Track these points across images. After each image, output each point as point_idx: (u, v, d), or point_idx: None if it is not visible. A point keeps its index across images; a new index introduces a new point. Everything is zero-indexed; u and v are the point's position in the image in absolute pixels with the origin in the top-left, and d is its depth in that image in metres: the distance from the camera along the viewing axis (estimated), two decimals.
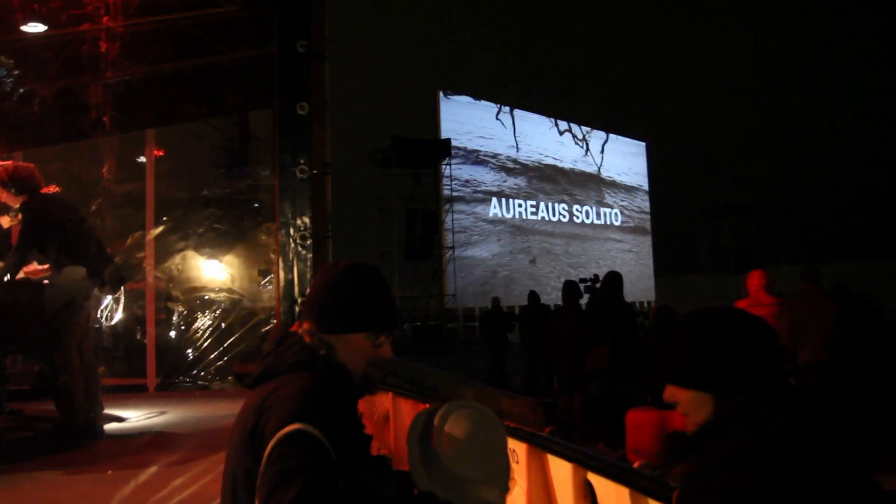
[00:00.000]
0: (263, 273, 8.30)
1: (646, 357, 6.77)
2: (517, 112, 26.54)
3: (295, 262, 2.47)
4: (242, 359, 7.54)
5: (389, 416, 4.33)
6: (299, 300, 2.44)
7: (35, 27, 6.00)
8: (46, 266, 4.97)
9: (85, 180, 7.55)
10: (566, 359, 7.70)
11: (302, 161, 2.51)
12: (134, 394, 7.25)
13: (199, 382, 7.73)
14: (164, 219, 8.00)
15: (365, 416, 4.53)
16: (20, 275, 4.94)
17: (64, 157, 7.70)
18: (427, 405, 3.83)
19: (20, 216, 5.16)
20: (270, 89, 7.94)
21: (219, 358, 7.78)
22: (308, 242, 2.48)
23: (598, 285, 10.28)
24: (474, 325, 23.10)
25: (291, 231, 2.49)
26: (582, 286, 8.95)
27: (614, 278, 7.92)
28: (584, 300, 8.70)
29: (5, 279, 4.77)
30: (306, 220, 2.50)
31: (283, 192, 2.52)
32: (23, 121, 7.19)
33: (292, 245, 2.49)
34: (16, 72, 7.04)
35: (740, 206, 35.14)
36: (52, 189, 5.88)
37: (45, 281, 5.04)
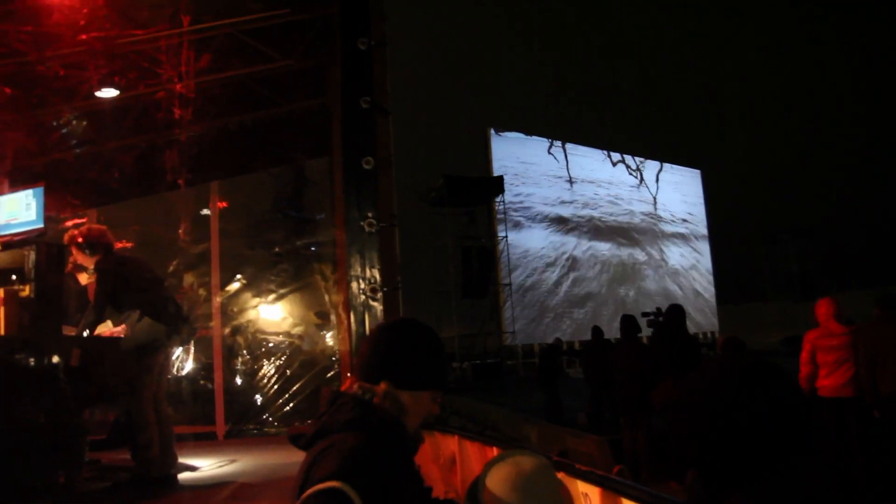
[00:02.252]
0: (320, 315, 8.40)
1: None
2: (569, 146, 26.52)
3: (366, 314, 2.50)
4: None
5: (456, 459, 4.30)
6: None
7: (109, 92, 6.31)
8: (122, 327, 5.15)
9: (160, 239, 7.82)
10: (630, 394, 7.55)
11: (369, 214, 2.56)
12: (204, 441, 7.37)
13: (266, 429, 7.82)
14: (228, 267, 8.21)
15: (431, 460, 4.52)
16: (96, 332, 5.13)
17: (134, 213, 8.00)
18: (493, 448, 3.80)
19: (96, 274, 5.39)
20: (326, 138, 8.18)
21: (285, 404, 7.88)
22: (378, 295, 2.51)
23: (661, 318, 10.08)
24: (534, 362, 22.86)
25: (361, 284, 2.53)
26: (645, 320, 8.80)
27: (677, 311, 7.77)
28: (641, 333, 8.52)
29: (84, 335, 4.95)
30: (375, 272, 2.54)
31: (351, 245, 2.57)
32: (94, 180, 7.53)
33: (362, 298, 2.53)
34: (88, 133, 7.41)
35: (803, 229, 34.08)
36: (124, 245, 6.12)
37: (121, 335, 5.22)
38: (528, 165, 25.01)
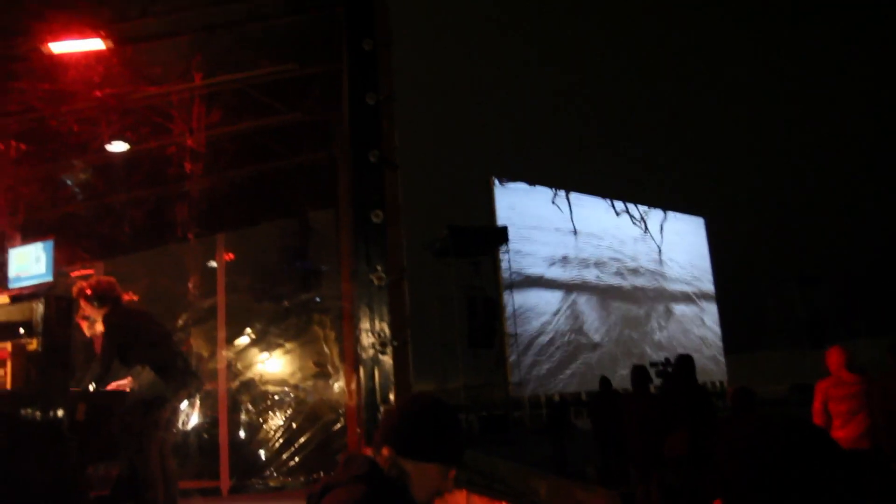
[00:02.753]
0: (319, 364, 8.36)
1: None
2: (573, 195, 26.68)
3: (375, 369, 2.49)
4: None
5: None
6: (381, 408, 2.44)
7: (119, 146, 6.41)
8: (128, 380, 5.12)
9: (166, 291, 7.84)
10: (641, 446, 7.44)
11: (379, 268, 2.56)
12: (208, 497, 7.25)
13: (271, 482, 7.70)
14: (233, 320, 8.20)
15: None
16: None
17: (141, 266, 8.02)
18: (503, 502, 3.73)
19: (101, 326, 5.39)
20: (332, 190, 8.25)
21: (290, 458, 7.77)
22: (388, 349, 2.49)
23: (669, 369, 9.99)
24: (540, 413, 22.57)
25: (370, 338, 2.52)
26: (653, 370, 8.72)
27: (686, 361, 7.70)
28: (652, 384, 8.43)
29: (90, 388, 4.92)
30: (385, 326, 2.53)
31: (360, 299, 2.56)
32: (102, 233, 7.59)
33: (371, 352, 2.51)
34: (97, 186, 7.50)
35: (809, 277, 33.97)
36: (130, 297, 6.12)
37: (126, 389, 5.18)
38: (532, 215, 25.12)
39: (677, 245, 30.55)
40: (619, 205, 28.52)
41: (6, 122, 5.64)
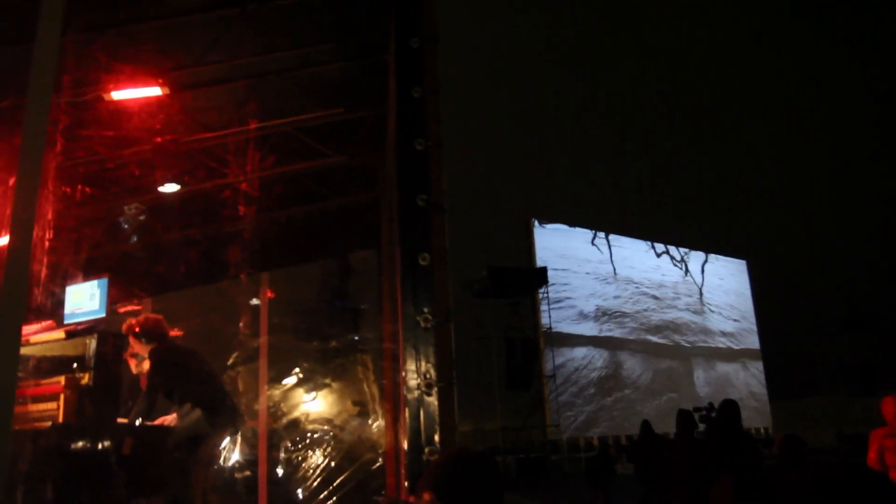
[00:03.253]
0: (358, 404, 8.39)
1: (775, 491, 6.29)
2: (612, 237, 26.55)
3: (420, 410, 2.52)
4: None
5: None
6: (426, 449, 2.46)
7: (171, 187, 6.64)
8: (173, 416, 5.22)
9: (209, 329, 7.98)
10: (687, 493, 7.25)
11: (425, 310, 2.61)
12: None
13: None
14: (275, 357, 8.30)
15: None
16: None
17: (187, 303, 8.20)
18: None
19: (148, 362, 5.52)
20: (374, 231, 8.37)
21: (328, 497, 7.77)
22: (433, 390, 2.53)
23: (713, 414, 9.77)
24: (580, 457, 22.16)
25: (416, 379, 2.56)
26: (696, 415, 8.54)
27: (731, 406, 7.53)
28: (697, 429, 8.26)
29: (137, 423, 5.03)
30: (430, 368, 2.56)
31: (407, 341, 2.61)
32: (150, 271, 7.81)
33: (416, 393, 2.55)
34: (148, 225, 7.75)
35: (858, 320, 32.94)
36: (176, 334, 6.26)
37: (171, 424, 5.28)
38: (571, 257, 25.03)
39: (719, 288, 30.07)
40: (659, 246, 28.27)
41: (73, 167, 5.90)
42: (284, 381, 8.26)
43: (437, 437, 2.49)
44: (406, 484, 2.58)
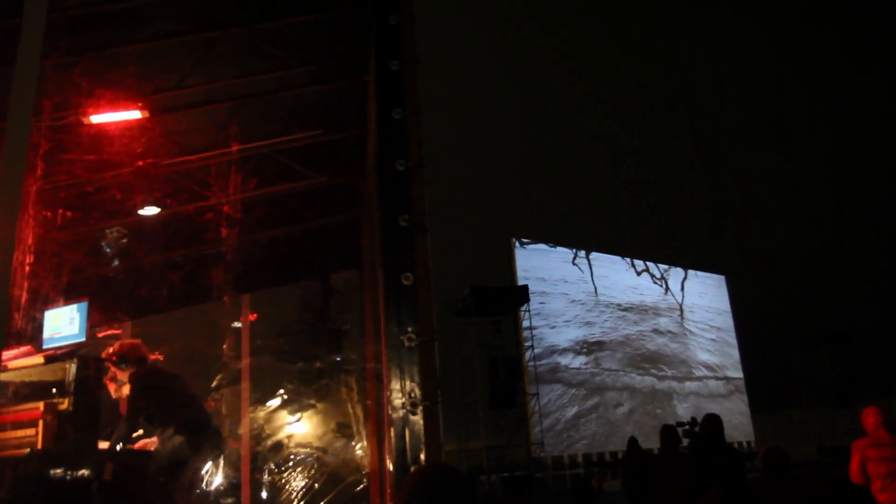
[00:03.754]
0: (341, 427, 8.34)
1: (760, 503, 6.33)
2: (592, 255, 26.71)
3: (406, 429, 2.53)
4: None
5: None
6: (412, 468, 2.46)
7: (151, 210, 6.61)
8: (154, 439, 5.16)
9: (191, 351, 7.93)
10: None
11: (409, 329, 2.62)
12: None
13: None
14: (257, 380, 8.24)
15: None
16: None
17: (166, 327, 8.13)
18: None
19: (128, 387, 5.46)
20: (355, 251, 8.37)
21: None
22: (418, 409, 2.54)
23: (696, 429, 9.81)
24: (564, 475, 22.12)
25: (401, 398, 2.57)
26: (680, 430, 8.57)
27: (714, 420, 7.57)
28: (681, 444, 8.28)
29: (118, 448, 4.96)
30: (416, 387, 2.57)
31: (391, 361, 2.62)
32: (129, 294, 7.75)
33: (402, 412, 2.56)
34: (129, 249, 7.70)
35: (836, 334, 33.31)
36: (156, 357, 6.20)
37: (151, 448, 5.22)
38: (552, 276, 25.13)
39: (699, 304, 30.32)
40: (639, 264, 28.47)
41: (53, 190, 5.86)
42: (268, 403, 8.20)
43: (422, 456, 2.50)
44: None
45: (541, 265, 24.98)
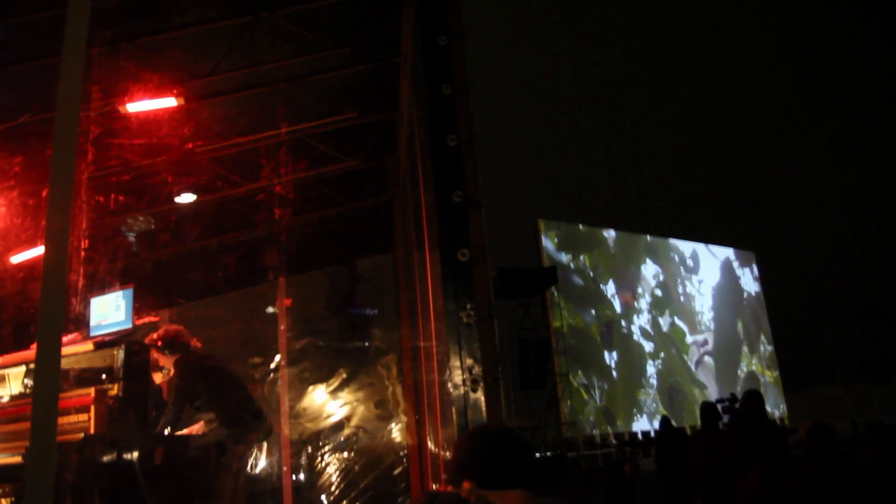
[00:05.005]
0: (379, 405, 8.37)
1: (806, 481, 6.24)
2: (621, 234, 26.50)
3: (467, 407, 2.50)
4: None
5: None
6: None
7: (186, 197, 6.64)
8: (200, 424, 5.20)
9: (231, 336, 7.98)
10: (714, 487, 7.20)
11: (468, 306, 2.59)
12: None
13: None
14: (295, 364, 8.29)
15: None
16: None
17: (206, 312, 8.20)
18: None
19: (171, 373, 5.51)
20: (388, 234, 8.36)
21: (354, 500, 7.77)
22: (479, 386, 2.51)
23: (736, 405, 9.71)
24: (596, 454, 22.10)
25: (462, 376, 2.54)
26: (719, 406, 8.49)
27: (755, 397, 7.47)
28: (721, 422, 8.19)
29: (165, 433, 5.02)
30: (475, 364, 2.55)
31: (450, 338, 2.59)
32: (171, 280, 7.82)
33: (462, 390, 2.53)
34: (170, 236, 7.77)
35: (870, 309, 32.75)
36: (196, 344, 6.24)
37: (199, 433, 5.26)
38: (580, 254, 25.00)
39: (729, 280, 29.99)
40: (667, 242, 28.21)
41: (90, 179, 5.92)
42: (307, 387, 8.25)
43: None
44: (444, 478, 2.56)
45: (567, 244, 24.84)
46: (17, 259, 6.31)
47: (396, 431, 8.14)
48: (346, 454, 8.02)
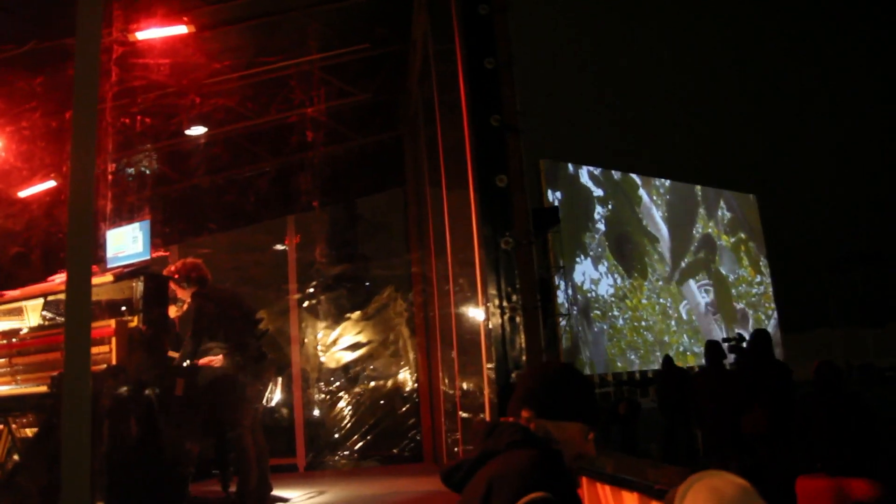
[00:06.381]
0: (388, 342, 8.40)
1: (811, 419, 6.31)
2: (622, 175, 26.32)
3: (506, 336, 2.48)
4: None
5: None
6: (514, 374, 2.43)
7: (197, 129, 6.52)
8: (220, 357, 5.22)
9: (241, 272, 7.94)
10: (718, 425, 7.30)
11: (507, 233, 2.55)
12: (286, 473, 7.40)
13: (345, 461, 7.83)
14: (305, 300, 8.30)
15: None
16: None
17: (214, 248, 8.14)
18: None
19: (185, 306, 5.51)
20: (399, 170, 8.26)
21: (365, 434, 7.89)
22: (518, 315, 2.49)
23: (743, 344, 9.80)
24: (596, 392, 22.49)
25: (501, 303, 2.51)
26: (725, 345, 8.55)
27: (763, 336, 7.55)
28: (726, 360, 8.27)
29: (184, 364, 5.04)
30: (513, 291, 2.52)
31: (487, 265, 2.55)
32: (182, 213, 7.75)
33: (500, 318, 2.51)
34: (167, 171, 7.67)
35: (870, 254, 32.88)
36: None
37: (217, 365, 5.29)
38: (581, 196, 24.89)
39: (729, 223, 29.96)
40: (668, 183, 28.05)
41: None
42: (317, 323, 8.27)
43: (524, 359, 2.46)
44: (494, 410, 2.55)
45: (567, 185, 24.70)
46: (27, 192, 6.23)
47: (407, 368, 8.20)
48: (356, 389, 8.10)
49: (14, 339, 4.83)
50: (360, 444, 7.90)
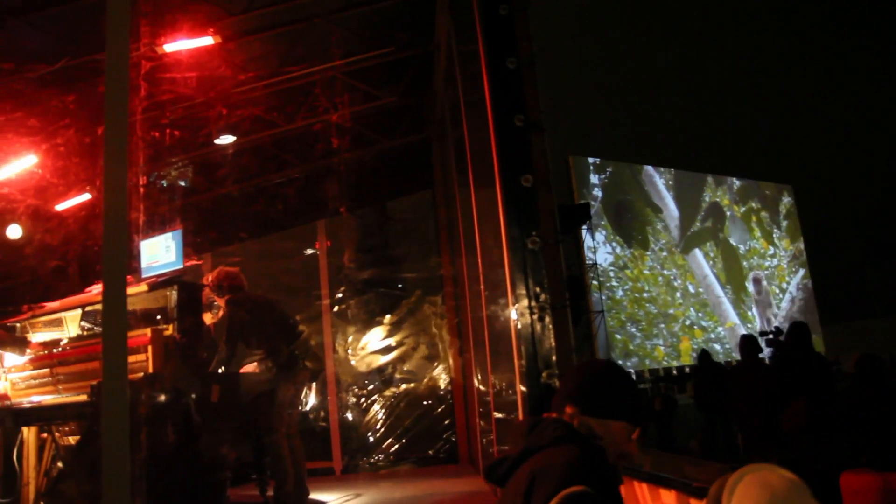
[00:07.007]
0: (422, 344, 8.40)
1: (853, 413, 6.17)
2: (654, 169, 26.03)
3: (535, 335, 2.47)
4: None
5: None
6: (544, 374, 2.42)
7: (226, 139, 6.60)
8: (254, 364, 5.28)
9: (273, 279, 8.02)
10: (758, 420, 7.17)
11: (533, 232, 2.54)
12: (322, 477, 7.46)
13: (380, 464, 7.87)
14: (338, 304, 8.36)
15: None
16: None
17: (246, 255, 8.24)
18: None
19: (220, 312, 5.58)
20: (428, 173, 8.27)
21: (400, 437, 7.92)
22: (546, 313, 2.47)
23: (781, 338, 9.64)
24: None
25: (530, 303, 2.50)
26: (762, 339, 8.41)
27: (802, 329, 7.37)
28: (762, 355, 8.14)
29: (220, 370, 5.11)
30: (542, 291, 2.50)
31: (515, 265, 2.54)
32: (213, 222, 7.85)
33: (529, 318, 2.49)
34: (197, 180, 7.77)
35: None
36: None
37: (253, 371, 5.35)
38: (613, 192, 24.69)
39: (765, 214, 29.48)
40: (702, 176, 27.69)
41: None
42: (349, 328, 8.33)
43: (554, 358, 2.45)
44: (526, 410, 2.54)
45: (600, 181, 24.53)
46: (63, 206, 6.38)
47: (440, 370, 8.21)
48: (391, 392, 8.14)
49: (55, 350, 4.94)
50: (396, 446, 7.94)
